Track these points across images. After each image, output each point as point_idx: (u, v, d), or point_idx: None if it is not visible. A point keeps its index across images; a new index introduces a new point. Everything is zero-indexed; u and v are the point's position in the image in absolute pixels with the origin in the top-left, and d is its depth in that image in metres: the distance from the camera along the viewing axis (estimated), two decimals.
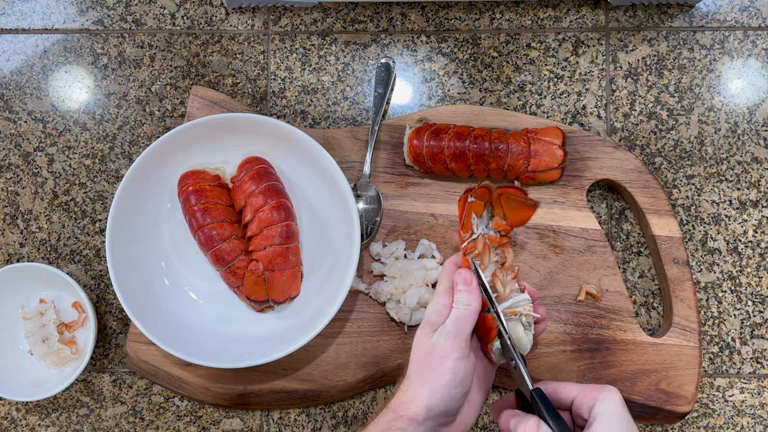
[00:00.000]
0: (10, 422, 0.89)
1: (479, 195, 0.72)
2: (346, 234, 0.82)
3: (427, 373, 0.65)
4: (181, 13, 0.92)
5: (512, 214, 0.72)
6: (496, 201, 0.73)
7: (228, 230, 0.81)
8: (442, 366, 0.64)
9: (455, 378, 0.64)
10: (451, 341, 0.65)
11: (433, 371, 0.65)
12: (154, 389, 0.89)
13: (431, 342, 0.66)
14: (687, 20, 0.90)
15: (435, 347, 0.65)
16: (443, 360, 0.65)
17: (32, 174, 0.91)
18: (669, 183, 0.88)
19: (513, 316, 0.69)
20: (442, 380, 0.64)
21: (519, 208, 0.72)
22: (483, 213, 0.73)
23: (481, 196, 0.72)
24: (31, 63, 0.92)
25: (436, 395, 0.64)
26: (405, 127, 0.86)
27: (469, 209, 0.72)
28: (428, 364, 0.65)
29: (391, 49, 0.91)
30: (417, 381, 0.65)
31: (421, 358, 0.66)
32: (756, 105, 0.88)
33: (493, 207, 0.73)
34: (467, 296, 0.68)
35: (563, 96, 0.89)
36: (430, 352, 0.66)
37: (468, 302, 0.68)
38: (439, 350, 0.65)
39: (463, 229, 0.72)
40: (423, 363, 0.66)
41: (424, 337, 0.67)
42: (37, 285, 0.88)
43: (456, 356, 0.65)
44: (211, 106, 0.87)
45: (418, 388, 0.64)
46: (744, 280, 0.87)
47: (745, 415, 0.86)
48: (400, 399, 0.65)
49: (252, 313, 0.85)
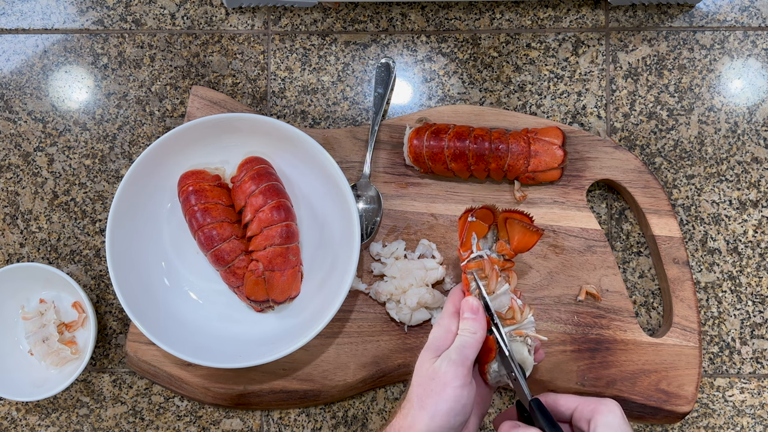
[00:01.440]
0: (10, 422, 0.89)
1: (482, 216, 0.72)
2: (346, 234, 0.82)
3: (428, 398, 0.64)
4: (181, 13, 0.92)
5: (517, 239, 0.72)
6: (501, 225, 0.73)
7: (228, 230, 0.81)
8: (445, 392, 0.64)
9: (457, 405, 0.64)
10: (454, 368, 0.65)
11: (435, 397, 0.64)
12: (154, 389, 0.89)
13: (434, 367, 0.66)
14: (687, 20, 0.90)
15: (438, 373, 0.65)
16: (446, 386, 0.64)
17: (32, 174, 0.91)
18: (669, 183, 0.88)
19: (518, 338, 0.69)
20: (444, 407, 0.63)
21: (524, 234, 0.72)
22: (488, 234, 0.73)
23: (484, 217, 0.73)
24: (31, 63, 0.92)
25: (435, 421, 0.63)
26: (405, 127, 0.86)
27: (470, 229, 0.72)
28: (430, 389, 0.65)
29: (391, 49, 0.91)
30: (418, 405, 0.64)
31: (422, 383, 0.66)
32: (756, 105, 0.88)
33: (498, 230, 0.74)
34: (473, 324, 0.68)
35: (563, 96, 0.89)
36: (433, 377, 0.65)
37: (474, 330, 0.67)
38: (442, 376, 0.65)
39: (462, 248, 0.73)
40: (424, 388, 0.65)
41: (428, 361, 0.67)
42: (37, 285, 0.88)
43: (459, 383, 0.64)
44: (211, 106, 0.87)
45: (418, 412, 0.64)
46: (744, 280, 0.87)
47: (745, 415, 0.86)
48: (400, 423, 0.65)
49: (252, 313, 0.85)
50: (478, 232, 0.73)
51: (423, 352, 0.68)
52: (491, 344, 0.68)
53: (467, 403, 0.64)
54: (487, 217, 0.73)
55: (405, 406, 0.66)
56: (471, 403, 0.65)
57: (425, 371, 0.66)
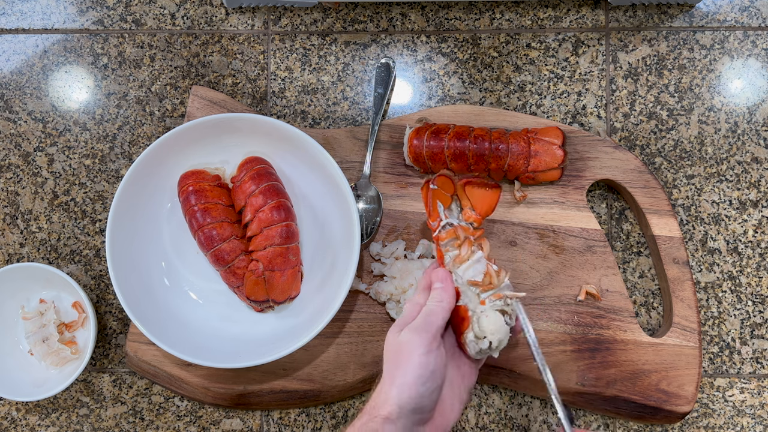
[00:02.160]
0: (10, 422, 0.89)
1: (442, 184, 0.73)
2: (346, 234, 0.82)
3: (397, 371, 0.64)
4: (181, 13, 0.92)
5: (479, 202, 0.74)
6: (461, 193, 0.74)
7: (228, 230, 0.81)
8: (410, 362, 0.64)
9: (424, 372, 0.64)
10: (418, 336, 0.65)
11: (401, 368, 0.64)
12: (154, 389, 0.89)
13: (399, 339, 0.66)
14: (687, 20, 0.90)
15: (402, 344, 0.65)
16: (411, 355, 0.64)
17: (32, 174, 0.91)
18: (669, 183, 0.88)
19: (497, 302, 0.68)
20: (411, 376, 0.63)
21: (484, 194, 0.74)
22: (452, 205, 0.75)
23: (444, 185, 0.74)
24: (31, 63, 0.92)
25: (405, 392, 0.63)
26: (405, 127, 0.86)
27: (434, 197, 0.73)
28: (396, 361, 0.65)
29: (391, 49, 0.91)
30: (388, 380, 0.65)
31: (390, 357, 0.66)
32: (756, 105, 0.88)
33: (460, 200, 0.75)
34: (440, 293, 0.68)
35: (563, 96, 0.89)
36: (398, 350, 0.65)
37: (440, 299, 0.68)
38: (406, 346, 0.65)
39: (431, 218, 0.73)
40: (392, 362, 0.65)
41: (393, 335, 0.67)
42: (37, 285, 0.88)
43: (422, 351, 0.64)
44: (211, 106, 0.87)
45: (389, 387, 0.64)
46: (744, 280, 0.87)
47: (745, 415, 0.86)
48: (375, 400, 0.65)
49: (252, 313, 0.85)
50: (443, 201, 0.74)
51: (391, 328, 0.68)
52: (464, 313, 0.68)
53: (435, 369, 0.64)
54: (447, 185, 0.74)
55: (379, 384, 0.66)
56: (440, 369, 0.65)
57: (392, 345, 0.67)
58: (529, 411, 0.86)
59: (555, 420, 0.67)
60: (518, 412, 0.86)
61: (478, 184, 0.74)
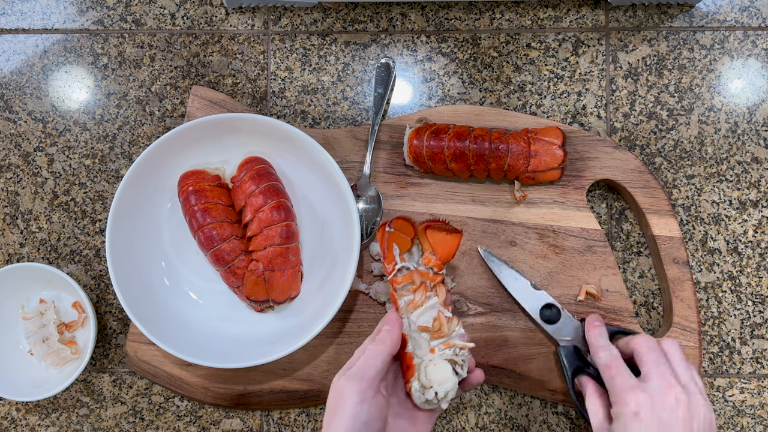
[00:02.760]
0: (10, 422, 0.89)
1: (399, 227, 0.72)
2: (346, 234, 0.82)
3: (331, 420, 0.62)
4: (181, 13, 0.92)
5: (440, 246, 0.72)
6: (422, 236, 0.73)
7: (228, 230, 0.81)
8: (343, 410, 0.62)
9: (355, 423, 0.61)
10: (352, 383, 0.63)
11: (336, 416, 0.62)
12: (154, 389, 0.89)
13: (336, 386, 0.64)
14: (687, 20, 0.90)
15: (337, 391, 0.63)
16: (344, 405, 0.62)
17: (32, 174, 0.91)
18: (669, 183, 0.88)
19: (447, 351, 0.67)
20: (342, 426, 0.61)
21: (445, 238, 0.72)
22: (413, 248, 0.73)
23: (402, 228, 0.72)
24: (31, 63, 0.92)
25: None
26: (405, 127, 0.86)
27: (389, 240, 0.71)
28: (333, 409, 0.63)
29: (391, 49, 0.91)
30: (324, 427, 0.63)
31: (329, 404, 0.64)
32: (756, 105, 0.88)
33: (421, 243, 0.73)
34: (383, 336, 0.66)
35: (563, 96, 0.89)
36: (336, 397, 0.63)
37: (382, 342, 0.66)
38: (341, 393, 0.63)
39: (386, 261, 0.72)
40: (329, 409, 0.64)
41: (334, 381, 0.65)
42: (37, 285, 0.88)
43: (355, 400, 0.62)
44: (211, 106, 0.87)
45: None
46: (744, 280, 0.87)
47: (745, 415, 0.86)
48: None
49: (252, 313, 0.85)
50: (400, 244, 0.72)
51: (338, 372, 0.66)
52: (410, 361, 0.67)
53: (369, 419, 0.62)
54: (406, 228, 0.73)
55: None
56: (375, 419, 0.63)
57: (332, 391, 0.65)
58: (529, 411, 0.86)
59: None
60: (518, 412, 0.86)
61: (439, 228, 0.72)
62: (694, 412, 0.65)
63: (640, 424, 0.64)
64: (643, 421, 0.64)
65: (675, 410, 0.64)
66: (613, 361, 0.70)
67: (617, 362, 0.70)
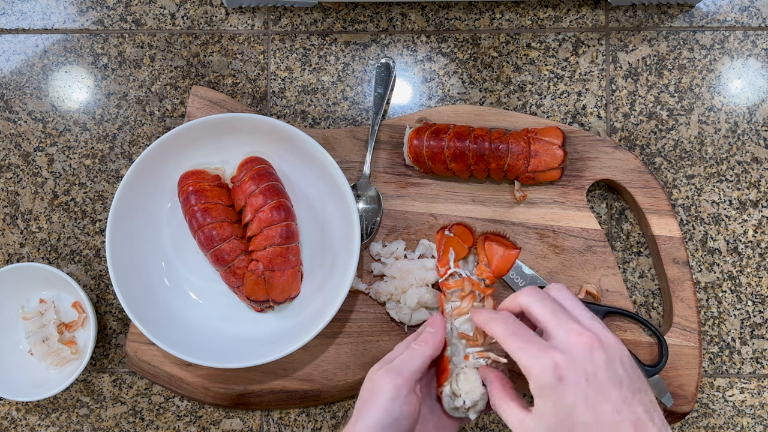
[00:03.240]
0: (10, 422, 0.89)
1: (459, 233, 0.72)
2: (346, 234, 0.82)
3: (362, 409, 0.62)
4: (181, 13, 0.92)
5: (495, 260, 0.71)
6: (480, 246, 0.72)
7: (228, 230, 0.81)
8: (376, 403, 0.62)
9: (386, 418, 0.61)
10: (389, 378, 0.62)
11: (368, 407, 0.62)
12: (154, 389, 0.89)
13: (373, 377, 0.64)
14: (687, 20, 0.90)
15: (374, 383, 0.63)
16: (378, 398, 0.62)
17: (32, 174, 0.91)
18: (669, 183, 0.88)
19: (480, 360, 0.66)
20: (373, 418, 0.61)
21: (503, 253, 0.71)
22: (468, 257, 0.73)
23: (462, 235, 0.72)
24: (31, 63, 0.92)
25: None
26: (405, 127, 0.86)
27: (447, 244, 0.71)
28: (366, 399, 0.63)
29: (391, 49, 0.91)
30: (354, 417, 0.63)
31: (363, 394, 0.64)
32: (756, 105, 0.88)
33: (477, 253, 0.73)
34: (426, 337, 0.66)
35: (563, 96, 0.89)
36: (371, 388, 0.63)
37: (424, 342, 0.66)
38: (377, 386, 0.63)
39: (440, 263, 0.72)
40: (362, 399, 0.63)
41: (372, 371, 0.65)
42: (37, 285, 0.88)
43: (390, 395, 0.62)
44: (211, 106, 0.87)
45: (353, 424, 0.62)
46: (744, 280, 0.87)
47: (745, 415, 0.86)
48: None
49: (252, 313, 0.85)
50: (457, 250, 0.72)
51: (377, 363, 0.66)
52: (445, 364, 0.67)
53: (400, 417, 0.62)
54: (466, 236, 0.73)
55: (348, 419, 0.64)
56: (406, 418, 0.62)
57: (367, 381, 0.65)
58: None
59: None
60: None
61: (498, 242, 0.71)
62: (610, 351, 0.57)
63: (566, 388, 0.55)
64: (569, 382, 0.56)
65: (593, 357, 0.57)
66: (513, 330, 0.60)
67: (519, 329, 0.60)
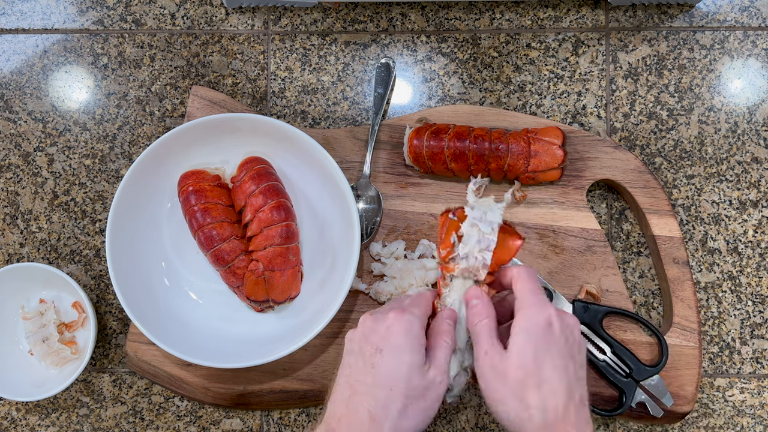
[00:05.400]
0: (10, 422, 0.89)
1: (462, 217, 0.69)
2: (346, 234, 0.82)
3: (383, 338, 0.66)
4: (181, 13, 0.92)
5: (498, 247, 0.68)
6: None
7: (228, 230, 0.81)
8: (432, 406, 0.65)
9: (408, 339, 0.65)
10: (402, 316, 0.66)
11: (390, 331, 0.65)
12: (154, 389, 0.89)
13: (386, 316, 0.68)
14: (687, 20, 0.90)
15: (384, 320, 0.67)
16: (396, 326, 0.66)
17: (32, 174, 0.91)
18: (669, 183, 0.88)
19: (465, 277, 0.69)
20: (399, 334, 0.65)
21: (505, 241, 0.69)
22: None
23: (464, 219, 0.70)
24: (31, 63, 0.92)
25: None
26: (405, 127, 0.86)
27: (450, 227, 0.69)
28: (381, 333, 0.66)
29: (391, 49, 0.91)
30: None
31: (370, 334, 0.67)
32: (756, 105, 0.88)
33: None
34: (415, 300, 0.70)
35: (563, 96, 0.89)
36: (383, 326, 0.67)
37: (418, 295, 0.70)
38: (388, 322, 0.66)
39: (442, 245, 0.70)
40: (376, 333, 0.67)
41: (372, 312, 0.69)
42: (37, 285, 0.88)
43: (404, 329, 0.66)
44: (211, 106, 0.87)
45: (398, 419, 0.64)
46: (744, 280, 0.87)
47: (745, 415, 0.86)
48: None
49: (252, 313, 0.85)
50: (459, 234, 0.70)
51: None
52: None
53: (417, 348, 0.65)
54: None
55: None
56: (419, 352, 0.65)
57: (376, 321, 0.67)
58: None
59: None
60: None
61: (503, 230, 0.69)
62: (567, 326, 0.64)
63: (552, 335, 0.63)
64: (555, 331, 0.63)
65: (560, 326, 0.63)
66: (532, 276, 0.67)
67: (536, 284, 0.66)
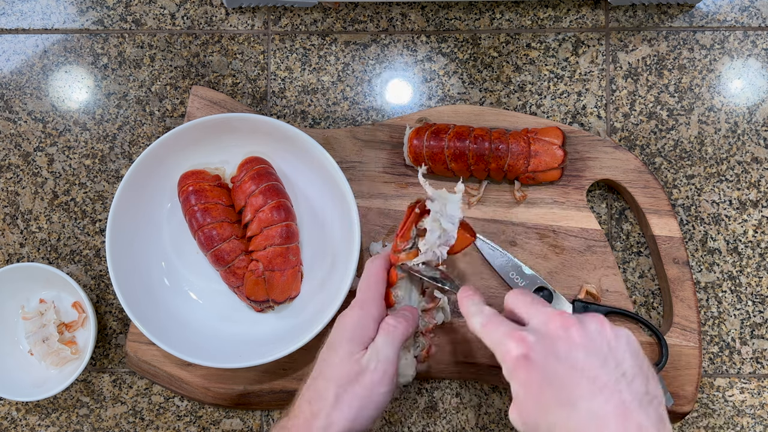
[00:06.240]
0: (10, 422, 0.89)
1: (424, 210, 0.72)
2: (346, 234, 0.82)
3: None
4: (181, 13, 0.92)
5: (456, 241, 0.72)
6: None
7: (228, 230, 0.81)
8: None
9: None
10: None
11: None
12: (154, 389, 0.89)
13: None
14: (687, 20, 0.90)
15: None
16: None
17: (32, 174, 0.91)
18: (669, 183, 0.88)
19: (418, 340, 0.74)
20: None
21: (461, 236, 0.72)
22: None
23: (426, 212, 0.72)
24: (31, 63, 0.92)
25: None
26: (405, 127, 0.86)
27: (413, 220, 0.71)
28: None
29: (391, 49, 0.91)
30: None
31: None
32: (756, 105, 0.88)
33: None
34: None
35: (563, 96, 0.89)
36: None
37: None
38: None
39: (400, 238, 0.72)
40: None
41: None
42: (37, 285, 0.88)
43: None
44: (211, 106, 0.87)
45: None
46: (744, 280, 0.87)
47: (745, 415, 0.86)
48: None
49: (252, 313, 0.85)
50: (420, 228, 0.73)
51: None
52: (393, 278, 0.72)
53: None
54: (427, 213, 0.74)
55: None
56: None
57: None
58: None
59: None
60: None
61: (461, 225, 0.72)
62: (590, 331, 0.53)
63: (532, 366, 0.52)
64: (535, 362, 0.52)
65: (570, 334, 0.53)
66: (488, 320, 0.59)
67: (493, 318, 0.59)
